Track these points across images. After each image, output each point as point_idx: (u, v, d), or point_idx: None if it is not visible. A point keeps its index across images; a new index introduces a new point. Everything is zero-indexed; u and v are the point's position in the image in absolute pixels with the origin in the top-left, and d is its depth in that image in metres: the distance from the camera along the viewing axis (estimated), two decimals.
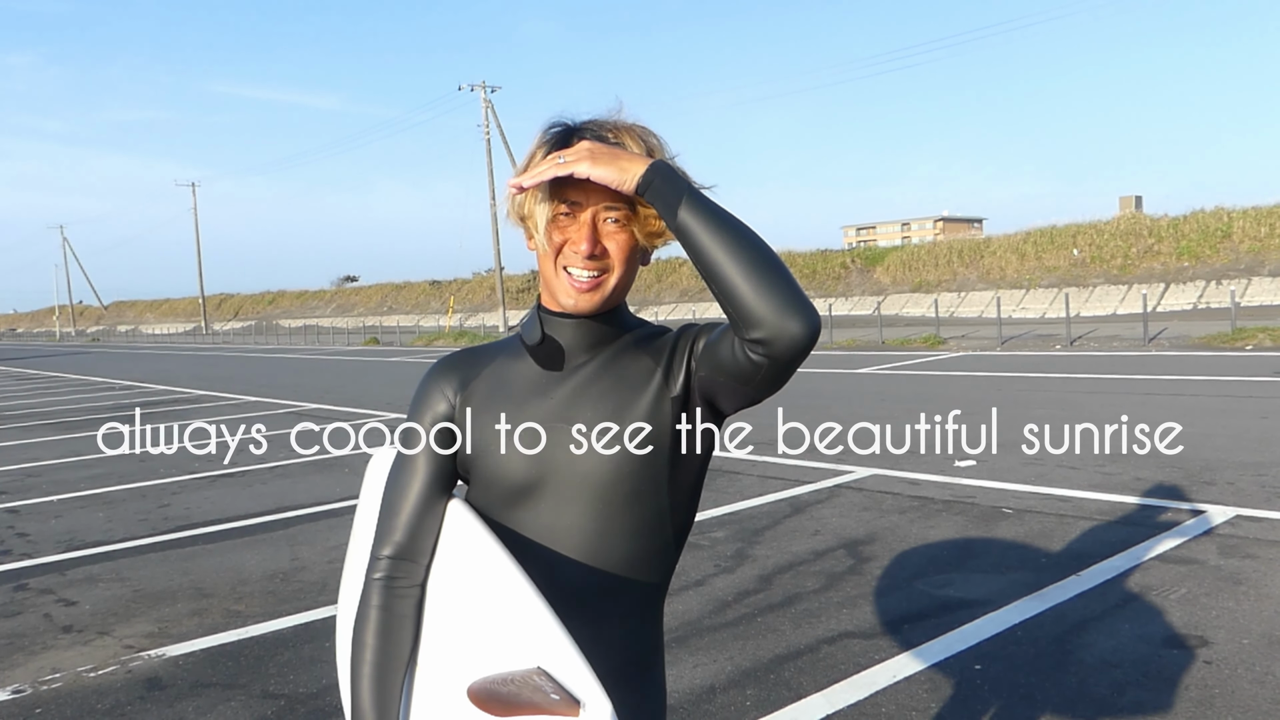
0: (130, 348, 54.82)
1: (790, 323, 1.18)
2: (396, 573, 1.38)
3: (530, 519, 1.35)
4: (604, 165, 1.25)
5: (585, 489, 1.32)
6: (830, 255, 42.61)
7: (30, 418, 16.29)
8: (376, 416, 13.64)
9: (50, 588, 5.72)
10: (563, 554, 1.33)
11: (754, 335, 1.19)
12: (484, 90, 40.78)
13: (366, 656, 1.36)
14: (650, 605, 1.40)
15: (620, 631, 1.37)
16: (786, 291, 1.18)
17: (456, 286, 59.55)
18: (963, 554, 5.40)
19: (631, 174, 1.24)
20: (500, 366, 1.42)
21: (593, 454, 1.32)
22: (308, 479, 8.83)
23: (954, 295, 35.34)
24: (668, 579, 1.42)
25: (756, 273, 1.18)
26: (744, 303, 1.18)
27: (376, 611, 1.37)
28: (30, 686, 4.20)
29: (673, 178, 1.24)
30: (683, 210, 1.22)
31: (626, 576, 1.35)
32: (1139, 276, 31.07)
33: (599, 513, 1.33)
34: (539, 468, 1.34)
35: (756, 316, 1.18)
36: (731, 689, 3.77)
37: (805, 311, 1.18)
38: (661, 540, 1.38)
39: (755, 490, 7.33)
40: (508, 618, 1.23)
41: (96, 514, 7.77)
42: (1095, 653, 3.93)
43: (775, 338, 1.18)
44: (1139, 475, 7.15)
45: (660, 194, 1.23)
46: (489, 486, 1.37)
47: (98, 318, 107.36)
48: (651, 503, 1.35)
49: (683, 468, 1.37)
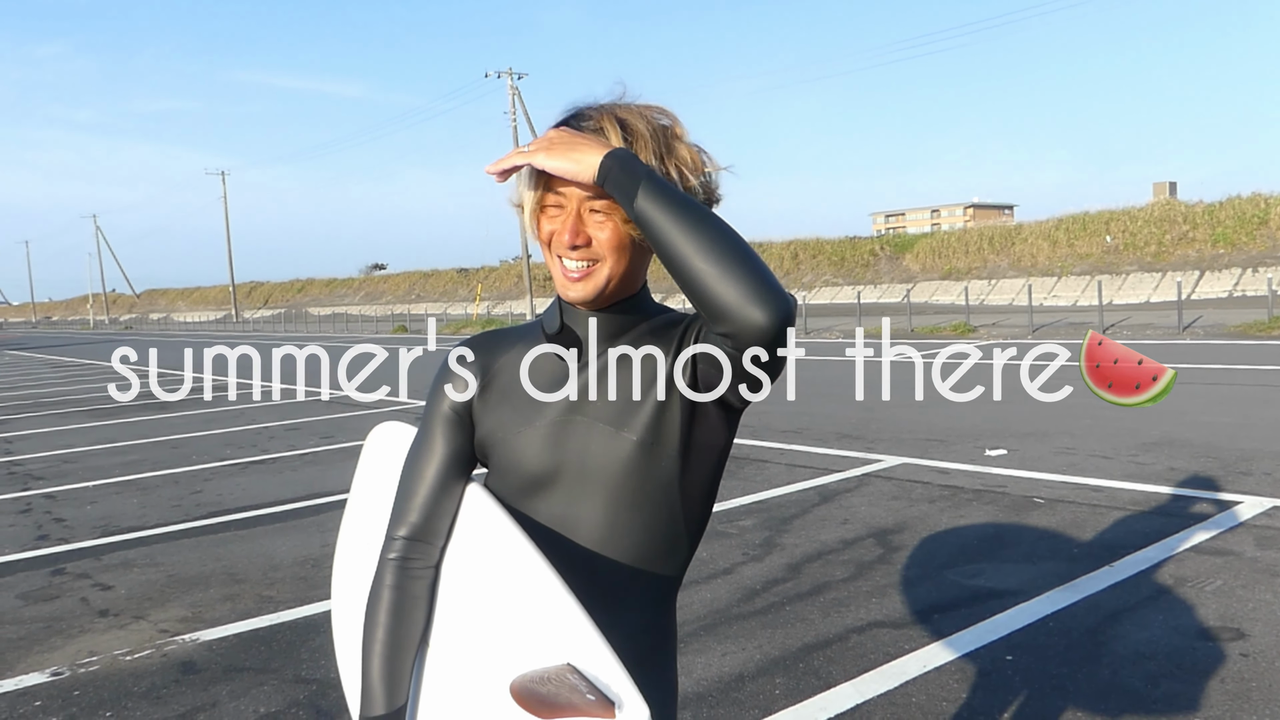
0: (163, 335, 55.43)
1: (754, 312, 1.12)
2: (411, 553, 1.38)
3: (544, 508, 1.34)
4: (558, 156, 1.22)
5: (597, 481, 1.31)
6: (859, 242, 42.34)
7: (65, 405, 16.51)
8: (403, 403, 13.72)
9: (87, 572, 5.81)
10: (575, 545, 1.33)
11: (719, 329, 1.16)
12: (511, 77, 40.80)
13: (378, 635, 1.37)
14: (662, 599, 1.39)
15: (631, 623, 1.35)
16: (750, 279, 1.12)
17: (484, 274, 59.72)
18: (993, 544, 5.36)
19: (587, 164, 1.21)
20: (520, 353, 1.42)
21: (604, 446, 1.31)
22: (337, 466, 8.89)
23: (984, 283, 35.04)
24: (681, 573, 1.41)
25: (717, 261, 1.13)
26: (705, 294, 1.14)
27: (390, 591, 1.37)
28: (68, 669, 4.27)
29: (630, 165, 1.19)
30: (639, 199, 1.17)
31: (638, 569, 1.34)
32: (1173, 264, 30.66)
33: (611, 505, 1.32)
34: (553, 458, 1.33)
35: (718, 307, 1.13)
36: (760, 677, 3.76)
37: (770, 300, 1.13)
38: (673, 534, 1.36)
39: (783, 479, 7.31)
40: (534, 610, 1.22)
41: (131, 500, 7.87)
42: (1128, 644, 3.89)
43: (740, 330, 1.14)
44: (1173, 465, 7.06)
45: (618, 183, 1.19)
46: (505, 474, 1.37)
47: (130, 306, 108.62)
48: (663, 496, 1.33)
49: (695, 461, 1.34)
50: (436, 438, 1.40)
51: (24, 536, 6.80)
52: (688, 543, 1.38)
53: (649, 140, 1.28)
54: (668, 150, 1.30)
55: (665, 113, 1.33)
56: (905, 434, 9.02)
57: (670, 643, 1.42)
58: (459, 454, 1.40)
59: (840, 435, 9.14)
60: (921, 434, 8.98)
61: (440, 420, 1.41)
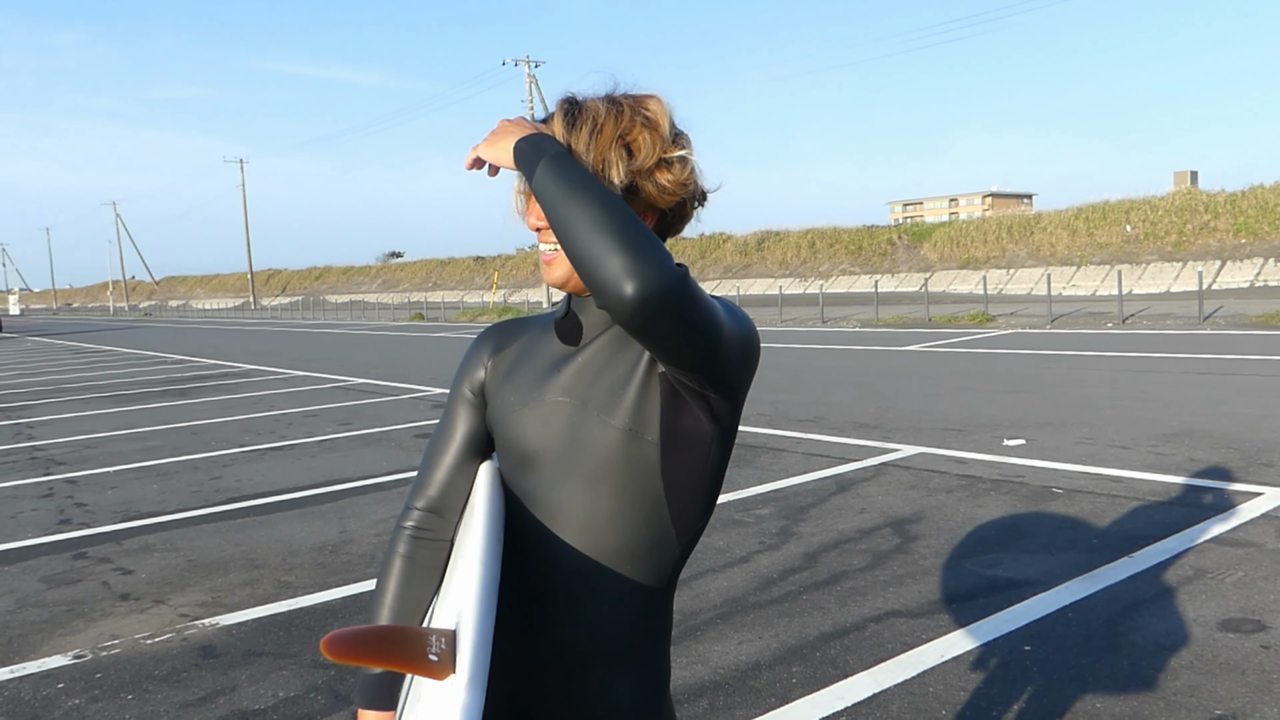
0: (181, 322, 55.78)
1: (623, 286, 1.08)
2: (424, 524, 1.42)
3: (532, 489, 1.35)
4: (488, 146, 1.26)
5: (579, 466, 1.31)
6: (876, 231, 42.17)
7: (86, 390, 16.64)
8: (420, 391, 13.77)
9: (108, 556, 5.86)
10: (560, 528, 1.32)
11: (598, 304, 1.14)
12: (528, 65, 40.74)
13: (385, 600, 1.40)
14: (647, 596, 1.35)
15: (611, 616, 1.33)
16: (623, 254, 1.09)
17: (500, 262, 59.80)
18: (1011, 534, 5.34)
19: (504, 149, 1.24)
20: (532, 338, 1.44)
21: (586, 430, 1.30)
22: (355, 453, 8.93)
23: (1003, 272, 34.85)
24: (668, 573, 1.36)
25: (592, 236, 1.10)
26: (581, 270, 1.12)
27: (400, 559, 1.41)
28: (90, 652, 4.31)
29: (534, 150, 1.20)
30: (534, 180, 1.18)
31: (619, 561, 1.32)
32: (1194, 253, 30.41)
33: (591, 491, 1.31)
34: (541, 440, 1.34)
35: (592, 284, 1.11)
36: (777, 666, 3.76)
37: (639, 275, 1.08)
38: (658, 531, 1.32)
39: (800, 468, 7.30)
40: (459, 579, 1.24)
41: (151, 485, 7.93)
42: (1148, 635, 3.87)
43: (612, 307, 1.10)
44: (1193, 456, 7.01)
45: (525, 166, 1.20)
46: (503, 453, 1.40)
47: (150, 293, 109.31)
48: (645, 486, 1.30)
49: (677, 450, 1.31)
50: (454, 418, 1.45)
51: (46, 521, 6.86)
52: (676, 539, 1.34)
53: (590, 123, 1.28)
54: (625, 132, 1.28)
55: (648, 101, 1.32)
56: (923, 424, 8.99)
57: (658, 642, 1.37)
58: (474, 434, 1.44)
59: (857, 424, 9.12)
60: (939, 424, 8.95)
61: (458, 401, 1.46)
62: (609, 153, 1.27)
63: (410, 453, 8.80)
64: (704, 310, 1.16)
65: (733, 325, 1.24)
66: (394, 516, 6.44)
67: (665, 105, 1.32)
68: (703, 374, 1.23)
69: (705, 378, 1.23)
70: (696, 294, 1.15)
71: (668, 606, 1.39)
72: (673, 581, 1.38)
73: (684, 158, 1.31)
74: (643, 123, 1.29)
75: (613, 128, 1.28)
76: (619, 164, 1.27)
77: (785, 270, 43.04)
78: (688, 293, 1.13)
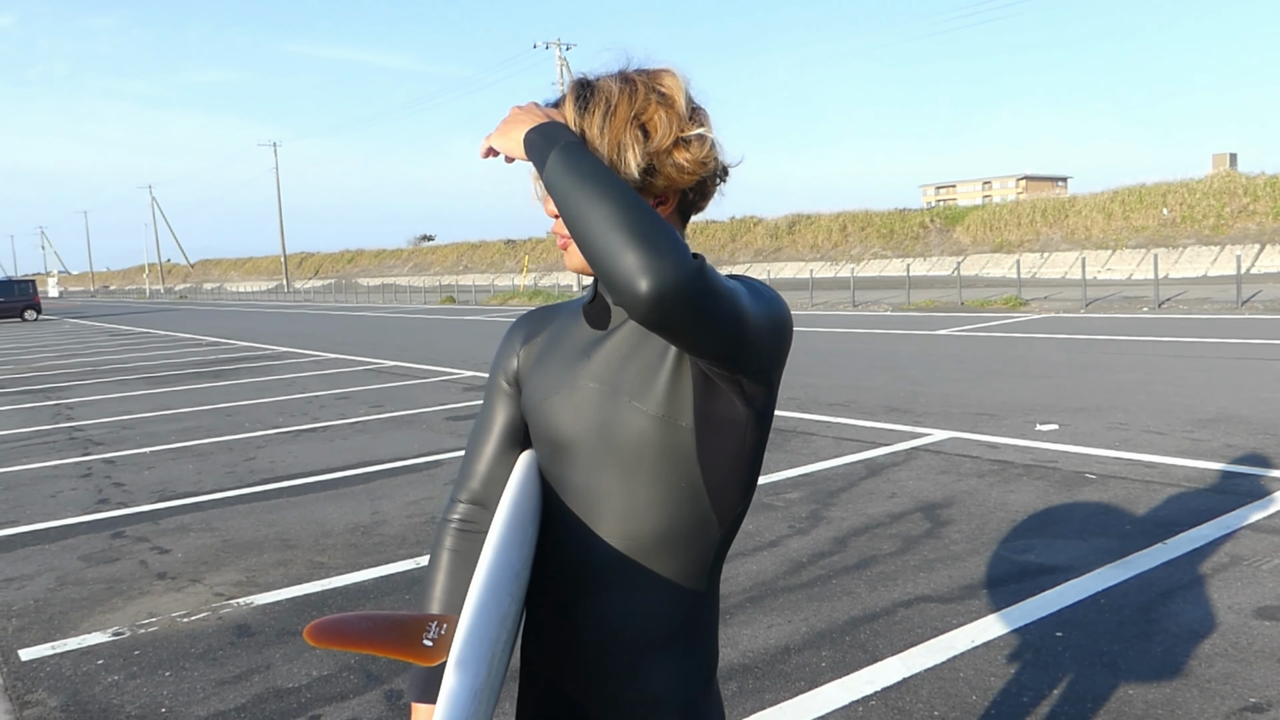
0: (216, 305, 56.38)
1: (637, 283, 1.05)
2: (468, 517, 1.42)
3: (568, 477, 1.33)
4: (499, 136, 1.23)
5: (613, 453, 1.28)
6: (909, 214, 41.82)
7: (123, 372, 16.87)
8: (452, 374, 13.84)
9: (145, 536, 5.95)
10: (598, 516, 1.30)
11: (614, 300, 1.12)
12: (559, 48, 40.66)
13: (433, 594, 1.40)
14: (690, 583, 1.33)
15: (653, 603, 1.31)
16: (636, 249, 1.06)
17: (531, 245, 59.88)
18: (1044, 519, 5.30)
19: (515, 139, 1.21)
20: (562, 324, 1.42)
21: (619, 418, 1.28)
22: (387, 435, 9.00)
23: (1036, 256, 34.48)
24: (712, 555, 1.34)
25: (605, 231, 1.07)
26: (595, 266, 1.09)
27: (447, 553, 1.41)
28: (129, 629, 4.38)
29: (545, 141, 1.17)
30: (545, 172, 1.15)
31: (659, 548, 1.30)
32: (1232, 237, 29.92)
33: (628, 479, 1.28)
34: (573, 427, 1.31)
35: (606, 281, 1.08)
36: (806, 650, 3.76)
37: (653, 271, 1.05)
38: (697, 515, 1.30)
39: (830, 451, 7.28)
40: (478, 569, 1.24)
41: (187, 466, 8.04)
42: (1182, 622, 3.84)
43: (628, 304, 1.07)
44: (1229, 442, 6.92)
45: (536, 159, 1.18)
46: (538, 442, 1.38)
47: (185, 275, 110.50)
48: (682, 471, 1.28)
49: (712, 434, 1.28)
50: (491, 409, 1.45)
51: (85, 500, 6.98)
52: (717, 524, 1.32)
53: (603, 105, 1.25)
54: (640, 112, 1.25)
55: (661, 78, 1.28)
56: (954, 408, 8.93)
57: (701, 629, 1.35)
58: (511, 424, 1.43)
59: (888, 409, 9.07)
60: (971, 408, 8.88)
61: (494, 392, 1.45)
62: (624, 135, 1.23)
63: (441, 435, 8.86)
64: (724, 301, 1.12)
65: (758, 309, 1.20)
66: (425, 498, 6.49)
67: (680, 79, 1.28)
68: (730, 363, 1.19)
69: (734, 366, 1.21)
70: (715, 285, 1.11)
71: (713, 593, 1.36)
72: (716, 568, 1.35)
73: (702, 135, 1.26)
74: (658, 100, 1.25)
75: (627, 108, 1.24)
76: (635, 147, 1.23)
77: (816, 254, 42.80)
78: (705, 286, 1.09)
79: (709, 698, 1.36)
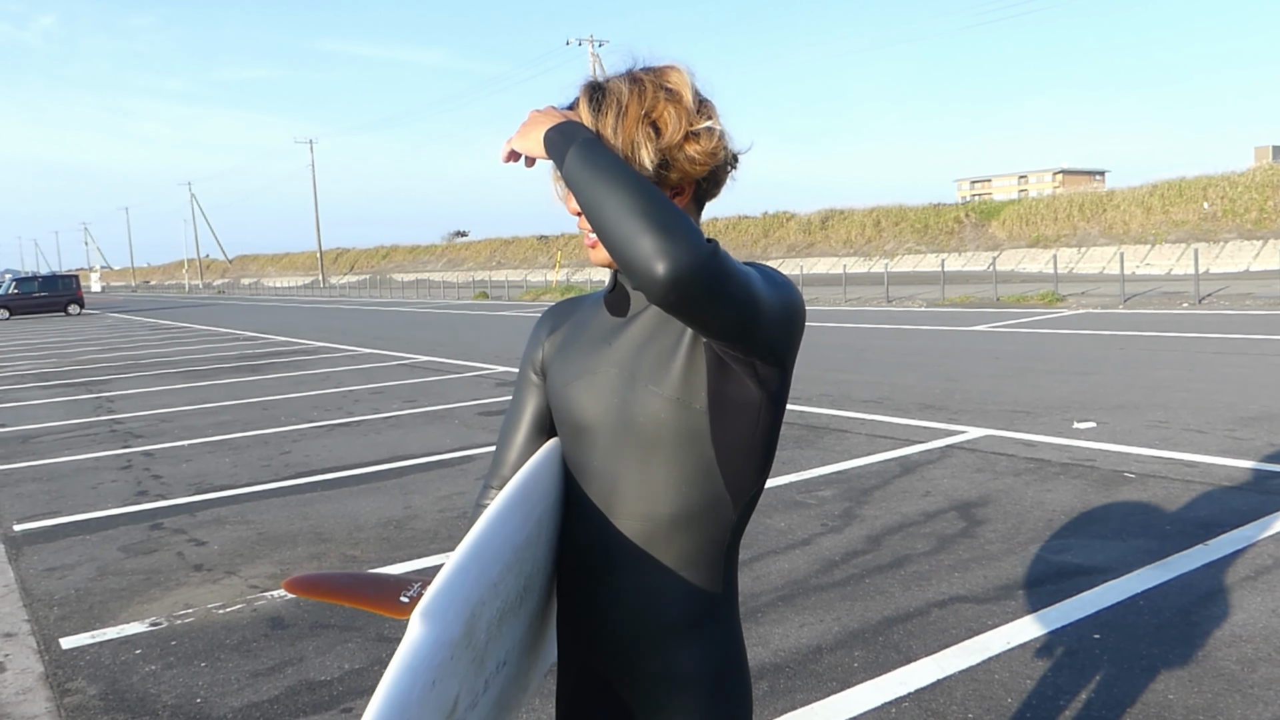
0: (253, 300, 56.98)
1: (654, 266, 1.11)
2: None
3: (589, 461, 1.38)
4: (520, 138, 1.29)
5: (631, 436, 1.34)
6: (943, 209, 41.44)
7: (162, 366, 17.09)
8: (484, 369, 13.89)
9: (182, 528, 6.02)
10: (617, 498, 1.36)
11: (633, 285, 1.16)
12: (592, 44, 40.67)
13: None
14: (707, 562, 1.37)
15: (672, 583, 1.36)
16: (652, 234, 1.11)
17: (564, 241, 59.97)
18: (1081, 519, 5.23)
19: (535, 140, 1.26)
20: (585, 313, 1.48)
21: (636, 402, 1.33)
22: (420, 430, 9.05)
23: (1074, 250, 34.05)
24: (726, 538, 1.38)
25: (622, 218, 1.13)
26: (614, 252, 1.14)
27: None
28: (166, 620, 4.44)
29: (564, 138, 1.22)
30: (564, 168, 1.21)
31: (676, 528, 1.35)
32: (1275, 231, 29.38)
33: (645, 461, 1.33)
34: (592, 412, 1.37)
35: (625, 265, 1.14)
36: (839, 650, 3.74)
37: (669, 254, 1.11)
38: (712, 496, 1.35)
39: (863, 449, 7.23)
40: None
41: (223, 459, 8.12)
42: (1223, 626, 3.77)
43: (645, 287, 1.13)
44: (1273, 441, 6.79)
45: (556, 156, 1.23)
46: (561, 427, 1.43)
47: (223, 271, 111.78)
48: (697, 453, 1.33)
49: (726, 417, 1.33)
50: (521, 398, 1.52)
51: (125, 492, 7.08)
52: (731, 504, 1.36)
53: (615, 105, 1.30)
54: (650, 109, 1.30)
55: (667, 75, 1.33)
56: (990, 405, 8.84)
57: (721, 609, 1.39)
58: (540, 412, 1.50)
59: (922, 406, 9.00)
60: (1007, 405, 8.79)
61: (524, 382, 1.52)
62: (636, 133, 1.30)
63: (474, 430, 8.89)
64: (738, 284, 1.18)
65: (771, 294, 1.25)
66: (457, 493, 6.52)
67: (686, 75, 1.34)
68: (744, 345, 1.25)
69: (747, 348, 1.26)
70: (729, 268, 1.16)
71: (730, 573, 1.41)
72: (733, 547, 1.40)
73: (710, 128, 1.33)
74: (666, 97, 1.31)
75: (637, 107, 1.31)
76: (647, 144, 1.30)
77: (850, 249, 42.53)
78: (719, 268, 1.14)
79: (736, 677, 1.41)
